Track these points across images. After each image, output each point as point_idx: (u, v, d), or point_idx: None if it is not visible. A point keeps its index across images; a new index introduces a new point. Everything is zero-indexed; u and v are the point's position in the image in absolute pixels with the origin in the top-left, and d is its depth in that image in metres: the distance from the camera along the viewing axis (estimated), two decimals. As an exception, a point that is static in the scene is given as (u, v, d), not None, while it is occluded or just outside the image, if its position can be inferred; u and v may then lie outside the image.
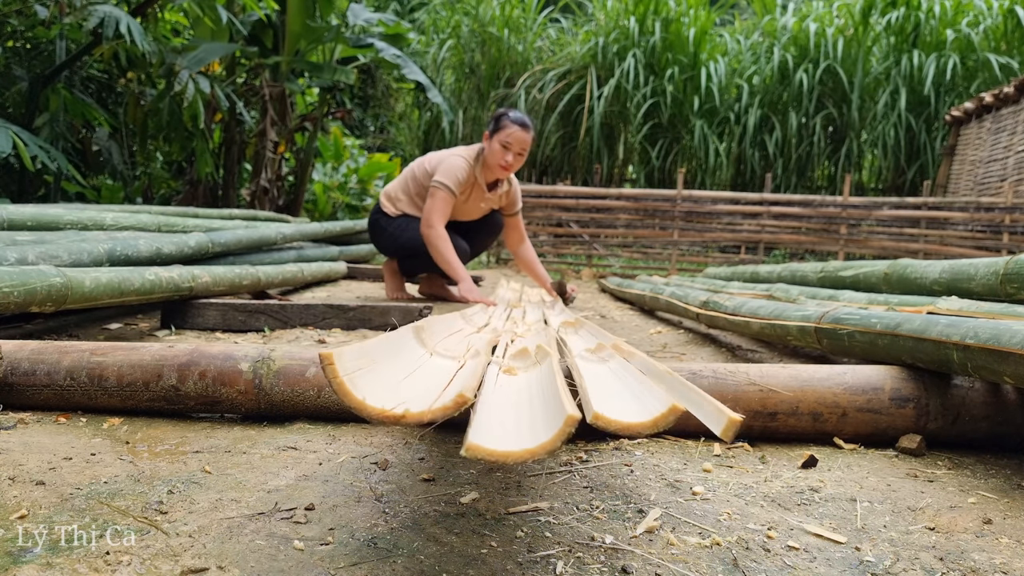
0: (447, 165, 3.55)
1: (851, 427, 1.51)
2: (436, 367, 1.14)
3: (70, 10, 4.53)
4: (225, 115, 6.50)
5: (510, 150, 3.48)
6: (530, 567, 0.93)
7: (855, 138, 10.39)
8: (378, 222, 3.85)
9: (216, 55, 5.57)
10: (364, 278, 5.20)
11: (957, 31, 10.08)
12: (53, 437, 1.37)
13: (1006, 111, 8.10)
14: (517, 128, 3.48)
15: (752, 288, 3.22)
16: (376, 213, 3.87)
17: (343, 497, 1.13)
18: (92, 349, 1.56)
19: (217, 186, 6.87)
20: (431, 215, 3.51)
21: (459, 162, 3.56)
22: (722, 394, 1.49)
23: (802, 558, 0.99)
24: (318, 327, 2.81)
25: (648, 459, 1.38)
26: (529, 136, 3.50)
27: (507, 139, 3.47)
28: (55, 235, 2.62)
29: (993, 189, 8.06)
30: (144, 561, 0.90)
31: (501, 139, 3.48)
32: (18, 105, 5.17)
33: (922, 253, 7.56)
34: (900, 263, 2.49)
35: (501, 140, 3.48)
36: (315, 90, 8.34)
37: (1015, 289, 1.87)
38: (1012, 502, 1.22)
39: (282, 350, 1.56)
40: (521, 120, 3.50)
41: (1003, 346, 1.26)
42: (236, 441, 1.39)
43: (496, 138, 3.50)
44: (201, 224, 3.62)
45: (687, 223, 8.23)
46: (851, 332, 1.77)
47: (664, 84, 10.55)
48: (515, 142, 3.48)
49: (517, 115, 3.52)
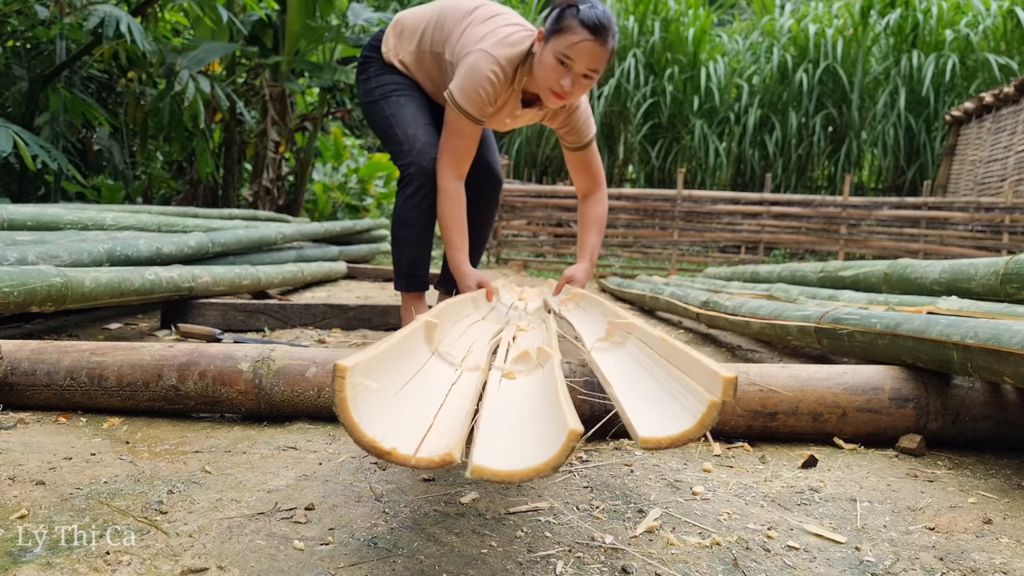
0: (471, 71, 2.28)
1: (851, 427, 1.51)
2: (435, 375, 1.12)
3: (70, 10, 4.53)
4: (225, 115, 6.50)
5: (571, 69, 2.15)
6: (530, 567, 0.93)
7: (855, 138, 10.39)
8: (368, 65, 2.58)
9: (216, 55, 5.57)
10: (364, 278, 5.21)
11: (956, 31, 10.09)
12: (53, 437, 1.37)
13: (1006, 111, 8.10)
14: (586, 36, 2.12)
15: (752, 288, 3.22)
16: (370, 49, 2.58)
17: (343, 497, 1.13)
18: (92, 349, 1.56)
19: (217, 186, 6.87)
20: (443, 155, 2.36)
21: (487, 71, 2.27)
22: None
23: (802, 558, 0.99)
24: (318, 327, 2.81)
25: (648, 459, 1.37)
26: (606, 51, 2.16)
27: (567, 51, 2.13)
28: (55, 235, 2.62)
29: (993, 189, 8.06)
30: (144, 561, 0.90)
31: (559, 49, 2.14)
32: (18, 105, 5.17)
33: (922, 253, 7.56)
34: (900, 263, 2.49)
35: (558, 51, 2.14)
36: (315, 90, 8.34)
37: (1015, 289, 1.87)
38: (1012, 502, 1.22)
39: (282, 350, 1.56)
40: (595, 22, 2.13)
41: (1003, 346, 1.26)
42: (236, 441, 1.39)
43: (552, 45, 2.16)
44: (201, 224, 3.62)
45: (687, 223, 8.23)
46: (851, 332, 1.77)
47: (664, 84, 10.55)
48: (579, 57, 2.14)
49: (592, 12, 2.13)
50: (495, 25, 2.33)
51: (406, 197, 2.39)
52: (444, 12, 2.45)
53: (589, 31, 2.12)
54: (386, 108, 2.48)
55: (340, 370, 0.77)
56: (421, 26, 2.48)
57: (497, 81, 2.27)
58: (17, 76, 5.21)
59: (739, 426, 1.50)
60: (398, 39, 2.51)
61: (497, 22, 2.35)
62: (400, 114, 2.46)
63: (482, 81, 2.26)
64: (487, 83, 2.26)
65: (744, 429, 1.50)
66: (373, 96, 2.53)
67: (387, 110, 2.48)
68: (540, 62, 2.22)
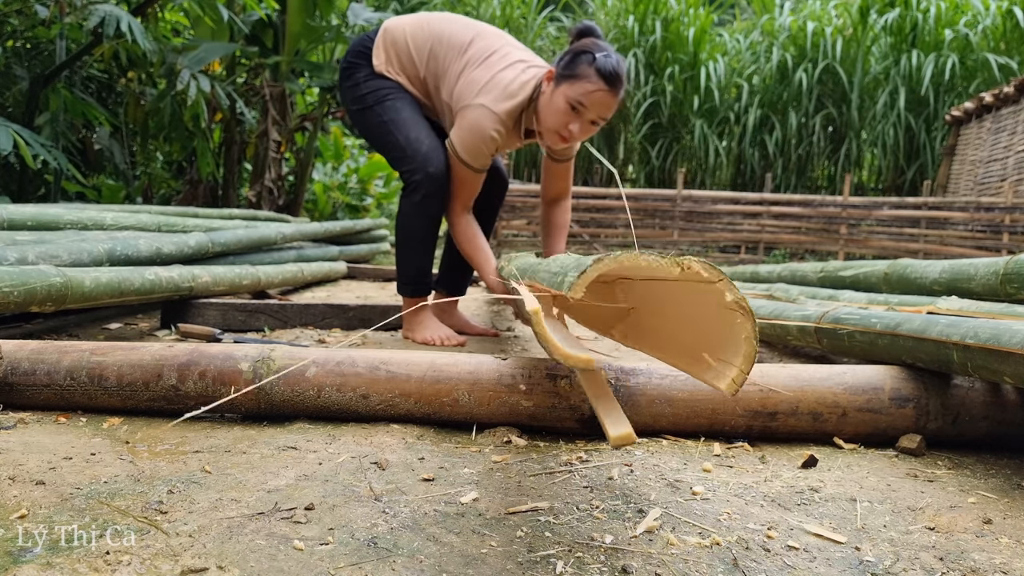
0: (473, 129, 2.26)
1: (851, 427, 1.51)
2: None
3: (70, 10, 4.53)
4: (226, 114, 6.50)
5: (582, 116, 2.18)
6: (530, 567, 0.93)
7: (855, 138, 10.40)
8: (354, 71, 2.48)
9: (217, 55, 5.57)
10: (364, 278, 5.21)
11: (955, 31, 10.09)
12: (53, 437, 1.37)
13: (1006, 111, 8.10)
14: (602, 87, 2.14)
15: (752, 288, 3.22)
16: (356, 56, 2.49)
17: (343, 497, 1.13)
18: (92, 349, 1.56)
19: (217, 186, 6.87)
20: (455, 203, 2.40)
21: (490, 129, 2.25)
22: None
23: (802, 558, 0.99)
24: (318, 327, 2.81)
25: (648, 459, 1.38)
26: (616, 101, 2.19)
27: (582, 99, 2.14)
28: (55, 235, 2.62)
29: (993, 189, 8.06)
30: (144, 561, 0.90)
31: (573, 96, 2.15)
32: (18, 105, 5.17)
33: (922, 253, 7.56)
34: (900, 263, 2.49)
35: (573, 97, 2.15)
36: (315, 90, 8.34)
37: (1015, 289, 1.87)
38: (1012, 502, 1.22)
39: (282, 350, 1.56)
40: (612, 72, 2.13)
41: (1003, 346, 1.26)
42: (236, 441, 1.39)
43: (565, 90, 2.16)
44: (201, 224, 3.62)
45: (687, 223, 8.23)
46: (851, 332, 1.77)
47: (664, 83, 10.55)
48: (593, 107, 2.16)
49: (608, 63, 2.13)
50: (493, 71, 2.29)
51: (412, 204, 2.35)
52: (439, 40, 2.39)
53: (605, 81, 2.13)
54: (381, 113, 2.41)
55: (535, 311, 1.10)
56: (413, 51, 2.41)
57: (499, 137, 2.30)
58: (17, 76, 5.21)
59: (739, 426, 1.50)
60: (387, 55, 2.44)
61: (495, 66, 2.30)
62: (398, 119, 2.39)
63: (484, 139, 2.27)
64: (489, 141, 2.28)
65: (744, 429, 1.50)
66: (365, 102, 2.43)
67: (383, 115, 2.40)
68: (550, 105, 2.21)
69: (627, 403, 1.48)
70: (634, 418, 1.44)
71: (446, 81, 2.37)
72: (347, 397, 1.50)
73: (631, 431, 1.02)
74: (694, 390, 1.49)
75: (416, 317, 2.49)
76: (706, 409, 1.49)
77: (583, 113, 2.18)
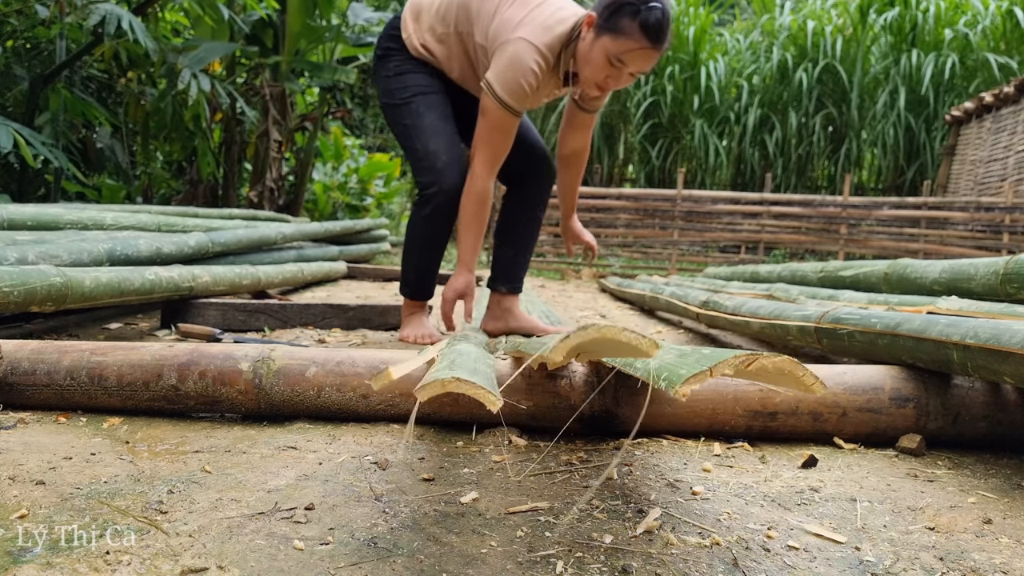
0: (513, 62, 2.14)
1: (851, 427, 1.51)
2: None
3: (70, 9, 4.54)
4: (226, 114, 6.51)
5: (620, 70, 2.09)
6: (530, 567, 0.93)
7: (855, 137, 10.39)
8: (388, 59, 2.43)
9: (217, 54, 5.57)
10: (364, 278, 5.21)
11: (955, 31, 10.08)
12: (53, 437, 1.37)
13: (1006, 111, 8.10)
14: (645, 44, 2.03)
15: (752, 288, 3.22)
16: (389, 39, 2.43)
17: (343, 497, 1.13)
18: (92, 349, 1.56)
19: (217, 186, 6.87)
20: (479, 152, 2.24)
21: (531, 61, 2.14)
22: (722, 393, 1.49)
23: (802, 558, 0.99)
24: (318, 327, 2.81)
25: (648, 459, 1.38)
26: (659, 55, 2.10)
27: (622, 55, 2.04)
28: (55, 235, 2.62)
29: (993, 189, 8.06)
30: (144, 561, 0.90)
31: (614, 52, 2.04)
32: (18, 104, 5.17)
33: (922, 253, 7.56)
34: (900, 263, 2.49)
35: (612, 53, 2.05)
36: (315, 90, 8.34)
37: (1015, 289, 1.87)
38: (1012, 502, 1.22)
39: (282, 350, 1.56)
40: (657, 29, 2.02)
41: (1003, 346, 1.26)
42: (236, 441, 1.39)
43: (604, 43, 2.05)
44: (201, 224, 3.62)
45: (687, 223, 8.23)
46: (851, 332, 1.77)
47: (664, 83, 10.55)
48: (633, 62, 2.07)
49: (652, 17, 2.01)
50: (529, 7, 2.20)
51: (423, 217, 2.34)
52: None
53: (648, 39, 2.02)
54: (406, 116, 2.37)
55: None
56: (443, 6, 2.32)
57: (540, 72, 2.16)
58: (17, 76, 5.21)
59: (739, 426, 1.50)
60: (416, 21, 2.37)
61: (530, 3, 2.21)
62: (420, 125, 2.35)
63: (525, 72, 2.14)
64: (530, 74, 2.14)
65: (744, 429, 1.50)
66: (393, 99, 2.41)
67: (407, 119, 2.37)
68: (588, 57, 2.11)
69: (628, 402, 1.48)
70: (634, 418, 1.45)
71: (480, 22, 2.27)
72: (347, 397, 1.50)
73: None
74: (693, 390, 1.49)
75: (411, 317, 2.52)
76: (706, 409, 1.49)
77: (622, 67, 2.07)
